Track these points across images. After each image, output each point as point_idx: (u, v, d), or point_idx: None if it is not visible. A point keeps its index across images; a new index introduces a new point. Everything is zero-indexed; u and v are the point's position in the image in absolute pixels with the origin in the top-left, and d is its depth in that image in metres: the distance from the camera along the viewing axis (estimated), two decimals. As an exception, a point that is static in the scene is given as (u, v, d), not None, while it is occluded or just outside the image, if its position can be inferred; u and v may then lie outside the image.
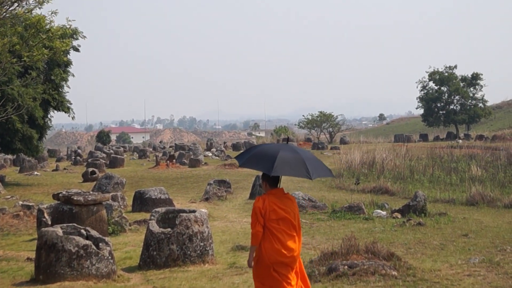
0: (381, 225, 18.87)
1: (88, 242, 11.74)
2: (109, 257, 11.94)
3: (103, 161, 46.59)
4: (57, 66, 37.01)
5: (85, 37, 37.72)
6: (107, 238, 12.58)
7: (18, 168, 46.25)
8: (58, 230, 11.85)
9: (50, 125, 40.32)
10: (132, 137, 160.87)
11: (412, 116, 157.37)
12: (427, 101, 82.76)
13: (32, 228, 19.37)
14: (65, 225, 12.66)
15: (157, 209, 14.82)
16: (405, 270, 11.81)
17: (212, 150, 65.09)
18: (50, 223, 16.40)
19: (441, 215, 20.47)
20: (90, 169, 37.80)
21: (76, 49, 38.26)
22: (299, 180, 32.34)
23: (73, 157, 57.90)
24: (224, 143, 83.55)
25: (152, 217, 14.23)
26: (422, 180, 31.23)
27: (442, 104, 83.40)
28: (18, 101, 28.99)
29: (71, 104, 38.96)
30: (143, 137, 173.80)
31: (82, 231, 12.48)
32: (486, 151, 41.44)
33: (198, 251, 13.42)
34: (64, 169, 46.53)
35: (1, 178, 35.55)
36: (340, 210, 21.36)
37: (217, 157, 57.34)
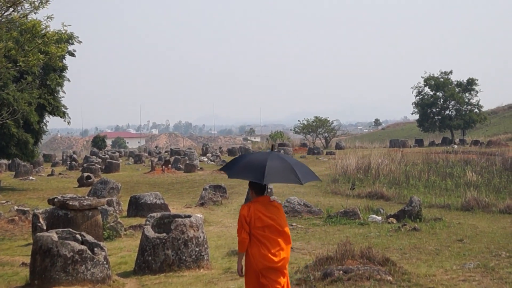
0: (376, 230, 18.88)
1: (83, 247, 11.74)
2: (104, 262, 11.94)
3: (99, 166, 46.51)
4: (53, 71, 37.00)
5: (81, 42, 37.75)
6: (102, 243, 12.58)
7: (14, 173, 46.19)
8: (53, 235, 11.84)
9: (46, 130, 40.31)
10: (128, 142, 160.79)
11: (408, 122, 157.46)
12: (423, 107, 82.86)
13: (27, 233, 19.35)
14: (60, 230, 12.65)
15: (153, 214, 14.82)
16: (400, 275, 11.82)
17: (208, 155, 65.06)
18: (45, 228, 16.39)
19: (436, 220, 20.49)
20: (86, 174, 37.73)
21: (72, 54, 38.22)
22: (294, 186, 32.33)
23: (69, 162, 57.84)
24: (220, 148, 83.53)
25: (147, 222, 14.23)
26: (418, 185, 31.26)
27: (438, 110, 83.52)
28: (14, 106, 29.00)
29: (67, 109, 38.95)
30: (139, 142, 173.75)
31: (77, 236, 12.47)
32: (481, 157, 41.51)
33: (194, 256, 13.42)
34: (60, 174, 46.48)
35: (-4, 183, 35.50)
36: (336, 215, 21.37)
37: (213, 162, 57.32)
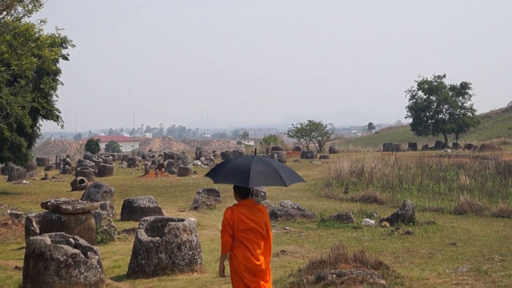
0: (370, 234, 18.91)
1: (77, 251, 11.72)
2: (98, 266, 11.92)
3: (92, 170, 46.48)
4: (46, 75, 36.93)
5: (74, 46, 37.70)
6: (96, 247, 12.56)
7: (7, 177, 46.02)
8: (47, 239, 11.82)
9: (39, 134, 40.21)
10: (121, 146, 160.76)
11: (401, 125, 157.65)
12: (416, 110, 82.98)
13: (21, 237, 19.31)
14: (54, 234, 12.64)
15: (146, 218, 14.82)
16: (393, 279, 11.83)
17: (201, 159, 65.03)
18: (39, 232, 16.35)
19: (430, 224, 20.54)
20: (79, 178, 37.71)
21: (65, 58, 38.16)
22: (288, 189, 32.41)
23: (62, 166, 57.73)
24: (213, 152, 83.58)
25: (141, 226, 14.23)
26: (411, 189, 31.32)
27: (431, 113, 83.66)
28: (7, 110, 28.98)
29: (60, 113, 38.85)
30: (132, 146, 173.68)
31: (71, 240, 12.46)
32: (475, 160, 41.60)
33: (187, 260, 13.42)
34: (53, 178, 46.39)
35: (-10, 187, 35.43)
36: (329, 219, 21.39)
37: (206, 166, 57.29)
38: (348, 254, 12.59)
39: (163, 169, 48.24)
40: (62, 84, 39.64)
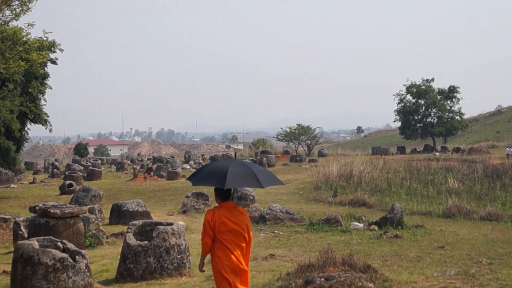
0: (358, 238, 18.94)
1: (65, 255, 11.68)
2: (86, 270, 11.89)
3: (81, 174, 46.40)
4: (34, 79, 36.80)
5: (63, 50, 37.60)
6: (84, 251, 12.52)
7: (-5, 181, 45.94)
8: (35, 243, 11.78)
9: (27, 138, 40.14)
10: (110, 150, 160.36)
11: (390, 129, 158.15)
12: (405, 114, 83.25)
13: (9, 241, 19.24)
14: (42, 238, 12.59)
15: (134, 222, 14.83)
16: (382, 282, 11.84)
17: (190, 163, 65.07)
18: (27, 236, 16.30)
19: (418, 228, 20.60)
20: (68, 182, 37.62)
21: (54, 62, 38.06)
22: (277, 193, 32.46)
23: (50, 170, 57.63)
24: (202, 156, 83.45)
25: (129, 230, 14.23)
26: (399, 193, 31.39)
27: (419, 117, 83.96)
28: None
29: (48, 117, 38.72)
30: (121, 150, 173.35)
31: (59, 244, 12.42)
32: (463, 164, 41.79)
33: (175, 264, 13.40)
34: (41, 182, 46.31)
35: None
36: (318, 223, 21.42)
37: (195, 170, 57.22)
38: (337, 258, 12.59)
39: (152, 173, 48.24)
40: (51, 88, 39.52)
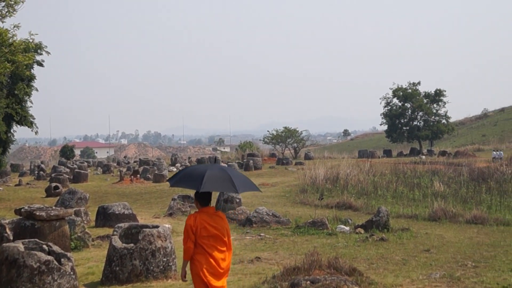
0: (344, 241, 18.96)
1: (50, 258, 11.64)
2: (71, 273, 11.85)
3: (67, 176, 46.23)
4: (21, 81, 36.72)
5: (49, 53, 37.50)
6: (69, 254, 12.48)
7: (-20, 183, 45.77)
8: (20, 246, 11.74)
9: (13, 140, 40.00)
10: (97, 152, 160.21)
11: (376, 132, 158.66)
12: (391, 117, 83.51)
13: (-6, 244, 19.17)
14: (27, 241, 12.55)
15: (120, 225, 14.76)
16: (367, 285, 11.86)
17: (177, 165, 64.98)
18: (12, 239, 16.24)
19: (404, 231, 20.64)
20: (54, 184, 37.51)
21: (40, 64, 37.98)
22: (264, 196, 32.46)
23: (36, 172, 57.42)
24: (189, 158, 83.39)
25: (115, 233, 14.17)
26: (386, 196, 31.47)
27: (406, 120, 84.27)
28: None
29: (34, 119, 38.64)
30: (108, 152, 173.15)
31: (44, 247, 12.38)
32: (449, 167, 41.97)
33: (161, 267, 13.38)
34: (27, 184, 46.13)
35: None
36: (304, 226, 21.43)
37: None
38: (322, 261, 12.61)
39: (138, 176, 48.13)
40: (37, 90, 39.46)
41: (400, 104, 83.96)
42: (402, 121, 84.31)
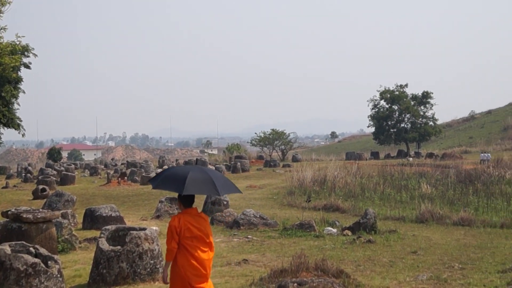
0: (332, 243, 18.97)
1: (37, 260, 11.61)
2: (58, 275, 11.82)
3: (54, 178, 46.15)
4: (7, 83, 36.56)
5: (36, 56, 37.38)
6: (56, 256, 12.45)
7: (-33, 186, 45.60)
8: (6, 248, 11.71)
9: (0, 142, 39.86)
10: (84, 154, 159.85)
11: (364, 134, 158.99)
12: (378, 120, 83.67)
13: (-20, 246, 19.10)
14: (14, 243, 12.50)
15: (107, 227, 14.73)
16: (354, 287, 11.89)
17: (164, 167, 64.91)
18: (-1, 241, 16.20)
19: (391, 233, 20.68)
20: (41, 187, 37.41)
21: (27, 66, 37.85)
22: (251, 198, 32.48)
23: (23, 174, 57.28)
24: (177, 161, 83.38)
25: (102, 235, 14.14)
26: (373, 198, 31.51)
27: (393, 122, 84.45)
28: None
29: (21, 121, 38.52)
30: (95, 154, 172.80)
31: (31, 249, 12.34)
32: (436, 169, 42.06)
33: (148, 269, 13.36)
34: (14, 186, 46.00)
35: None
36: (291, 228, 21.44)
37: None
38: (310, 263, 12.63)
39: (126, 178, 48.04)
40: (24, 92, 39.30)
41: (388, 106, 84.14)
42: (390, 123, 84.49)
